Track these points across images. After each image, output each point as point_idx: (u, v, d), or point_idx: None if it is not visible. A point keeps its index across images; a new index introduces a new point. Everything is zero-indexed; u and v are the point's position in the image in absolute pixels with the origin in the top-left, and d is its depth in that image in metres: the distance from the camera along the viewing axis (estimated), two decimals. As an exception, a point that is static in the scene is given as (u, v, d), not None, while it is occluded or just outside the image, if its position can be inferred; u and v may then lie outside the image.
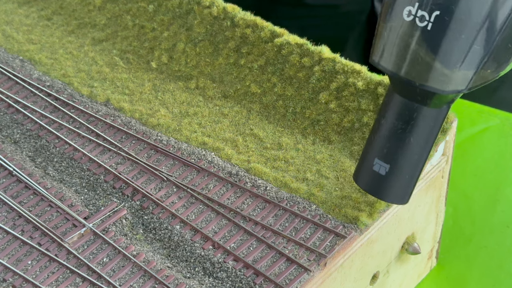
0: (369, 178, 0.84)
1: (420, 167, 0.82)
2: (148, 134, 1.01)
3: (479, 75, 0.76)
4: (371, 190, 0.85)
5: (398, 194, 0.84)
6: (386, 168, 0.82)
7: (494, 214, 1.16)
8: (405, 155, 0.81)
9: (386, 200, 0.84)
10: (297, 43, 1.03)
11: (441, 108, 0.80)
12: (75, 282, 0.85)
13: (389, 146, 0.82)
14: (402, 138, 0.81)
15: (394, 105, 0.81)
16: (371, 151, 0.83)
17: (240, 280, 0.84)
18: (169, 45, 1.12)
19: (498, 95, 1.73)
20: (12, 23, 1.22)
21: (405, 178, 0.82)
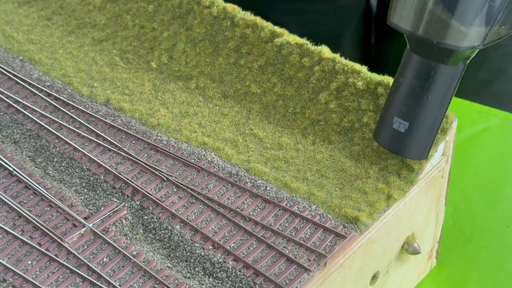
0: (389, 136, 0.88)
1: (438, 124, 0.86)
2: (148, 134, 1.01)
3: (493, 31, 0.79)
4: (392, 148, 0.89)
5: (417, 150, 0.87)
6: (405, 125, 0.86)
7: (494, 214, 1.16)
8: (424, 112, 0.85)
9: (406, 156, 0.88)
10: (297, 43, 1.03)
11: (457, 65, 0.83)
12: (75, 282, 0.85)
13: (408, 104, 0.85)
14: (420, 96, 0.84)
15: (412, 65, 0.84)
16: (390, 110, 0.87)
17: (240, 280, 0.84)
18: (169, 45, 1.12)
19: (493, 87, 1.73)
20: (12, 23, 1.22)
21: (423, 135, 0.86)
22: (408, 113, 0.86)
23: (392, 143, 0.89)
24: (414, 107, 0.86)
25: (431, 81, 0.83)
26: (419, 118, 0.86)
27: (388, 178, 0.92)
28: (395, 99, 0.87)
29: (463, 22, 0.78)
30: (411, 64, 0.85)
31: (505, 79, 1.72)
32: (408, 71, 0.85)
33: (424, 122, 0.86)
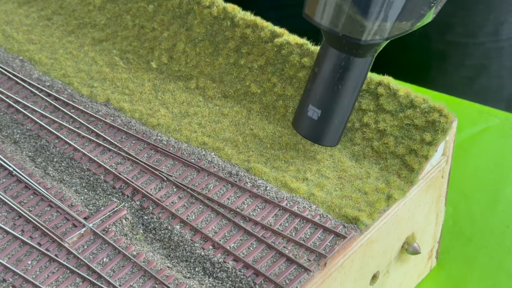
0: (304, 123, 0.93)
1: (348, 113, 0.92)
2: (148, 134, 1.01)
3: (396, 26, 0.84)
4: (306, 134, 0.94)
5: (328, 137, 0.93)
6: (318, 113, 0.91)
7: (494, 214, 1.16)
8: (334, 101, 0.91)
9: (318, 143, 0.94)
10: (297, 43, 1.03)
11: (366, 57, 0.88)
12: (75, 282, 0.85)
13: (321, 93, 0.91)
14: (332, 85, 0.90)
15: (326, 56, 0.90)
16: (306, 98, 0.93)
17: (240, 280, 0.84)
18: (169, 45, 1.12)
19: (477, 84, 1.74)
20: (12, 23, 1.22)
21: (334, 123, 0.92)
22: (321, 102, 0.91)
23: (307, 130, 0.93)
24: (326, 96, 0.91)
25: (342, 72, 0.89)
26: (330, 106, 0.91)
27: (388, 178, 0.92)
28: (311, 88, 0.92)
29: (365, 17, 0.83)
30: (325, 55, 0.90)
31: (488, 75, 1.73)
32: (322, 61, 0.90)
33: (335, 110, 0.91)
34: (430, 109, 0.93)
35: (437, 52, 1.74)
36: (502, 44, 1.69)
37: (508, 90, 1.75)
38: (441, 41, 1.72)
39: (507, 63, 1.72)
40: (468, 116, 1.32)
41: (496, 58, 1.71)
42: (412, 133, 0.94)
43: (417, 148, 0.92)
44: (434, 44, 1.73)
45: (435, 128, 0.93)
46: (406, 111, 0.95)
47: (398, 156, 0.93)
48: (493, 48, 1.70)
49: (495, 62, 1.71)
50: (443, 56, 1.74)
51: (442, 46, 1.73)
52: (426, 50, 1.76)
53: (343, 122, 0.92)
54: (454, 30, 1.69)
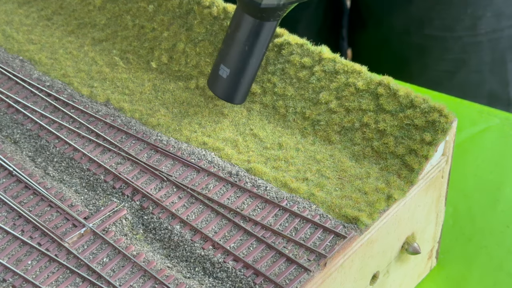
0: (215, 81, 1.01)
1: (253, 72, 1.00)
2: (148, 134, 1.01)
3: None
4: (217, 92, 1.01)
5: (234, 95, 1.01)
6: (227, 72, 0.99)
7: (494, 214, 1.16)
8: (241, 60, 0.98)
9: (224, 99, 1.01)
10: (297, 43, 1.03)
11: (270, 21, 0.96)
12: (75, 282, 0.85)
13: (230, 53, 0.99)
14: (239, 46, 0.98)
15: (236, 18, 0.98)
16: (218, 58, 1.01)
17: (240, 280, 0.84)
18: (169, 45, 1.12)
19: (457, 78, 1.74)
20: (12, 23, 1.22)
21: (239, 81, 0.99)
22: (230, 61, 0.99)
23: (216, 88, 1.01)
24: (235, 56, 0.98)
25: (249, 34, 0.97)
26: (238, 65, 0.99)
27: (388, 178, 0.92)
28: (223, 49, 1.00)
29: None
30: (236, 18, 0.98)
31: (467, 70, 1.73)
32: (233, 24, 0.98)
33: (242, 69, 0.99)
34: (430, 109, 0.93)
35: (416, 46, 1.75)
36: (481, 39, 1.69)
37: (489, 85, 1.75)
38: (420, 35, 1.73)
39: (486, 58, 1.72)
40: (468, 116, 1.32)
41: (475, 53, 1.71)
42: (412, 133, 0.94)
43: (417, 148, 0.92)
44: (414, 38, 1.74)
45: (435, 128, 0.93)
46: (406, 111, 0.95)
47: (398, 156, 0.93)
48: (472, 43, 1.70)
49: (474, 57, 1.72)
50: (423, 50, 1.75)
51: (421, 40, 1.73)
52: (406, 44, 1.76)
53: (247, 81, 1.00)
54: (432, 24, 1.70)
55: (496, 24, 1.68)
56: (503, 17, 1.68)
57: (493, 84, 1.75)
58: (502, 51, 1.72)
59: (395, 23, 1.76)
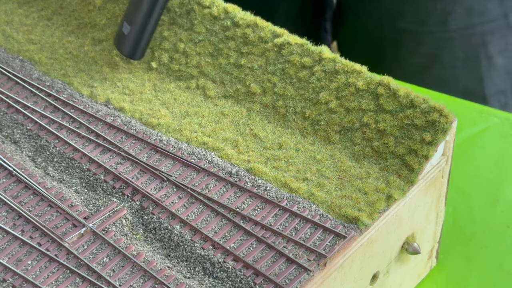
0: (119, 38, 1.10)
1: (150, 30, 1.08)
2: (148, 134, 1.01)
3: None
4: (120, 49, 1.10)
5: (133, 50, 1.09)
6: (128, 28, 1.08)
7: (494, 214, 1.16)
8: (139, 17, 1.07)
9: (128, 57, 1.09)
10: (298, 43, 1.03)
11: None
12: (75, 282, 0.85)
13: (131, 10, 1.08)
14: (138, 3, 1.07)
15: None
16: (123, 16, 1.09)
17: (240, 280, 0.84)
18: (169, 45, 1.12)
19: (431, 73, 1.74)
20: (12, 23, 1.22)
21: (138, 36, 1.08)
22: (130, 18, 1.08)
23: (119, 44, 1.10)
24: (134, 12, 1.07)
25: None
26: (136, 22, 1.07)
27: (388, 178, 0.92)
28: (128, 7, 1.09)
29: None
30: None
31: (441, 65, 1.73)
32: None
33: (139, 26, 1.07)
34: (430, 109, 0.93)
35: (390, 40, 1.75)
36: (452, 35, 1.69)
37: (463, 81, 1.75)
38: (393, 29, 1.73)
39: (459, 54, 1.72)
40: (468, 116, 1.32)
41: (448, 49, 1.71)
42: (412, 133, 0.94)
43: (417, 148, 0.93)
44: (387, 31, 1.74)
45: (435, 128, 0.93)
46: (406, 111, 0.95)
47: (398, 156, 0.93)
48: (444, 38, 1.70)
49: (447, 52, 1.72)
50: (396, 44, 1.75)
51: (395, 34, 1.73)
52: (380, 37, 1.77)
53: (146, 37, 1.08)
54: (405, 18, 1.70)
55: (468, 21, 1.68)
56: (474, 14, 1.68)
57: (468, 80, 1.76)
58: (475, 48, 1.72)
59: (369, 16, 1.76)
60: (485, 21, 1.69)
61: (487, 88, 1.75)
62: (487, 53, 1.72)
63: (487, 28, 1.70)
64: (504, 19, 1.70)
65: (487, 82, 1.75)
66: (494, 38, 1.71)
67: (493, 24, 1.70)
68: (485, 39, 1.70)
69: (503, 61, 1.74)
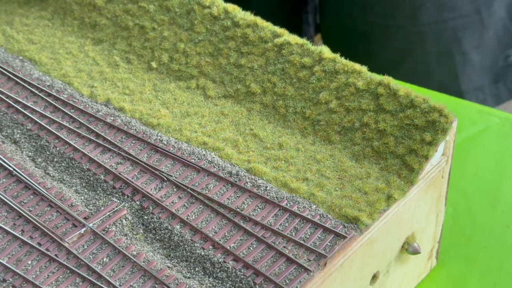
0: None
1: None
2: (148, 134, 1.01)
3: None
4: None
5: None
6: None
7: (494, 214, 1.16)
8: None
9: None
10: (298, 43, 1.03)
11: None
12: (75, 282, 0.85)
13: None
14: None
15: None
16: None
17: (240, 280, 0.84)
18: (169, 45, 1.12)
19: (404, 67, 1.74)
20: (12, 23, 1.22)
21: None
22: None
23: None
24: None
25: None
26: None
27: (388, 178, 0.92)
28: None
29: None
30: None
31: (414, 60, 1.73)
32: None
33: None
34: (430, 109, 0.93)
35: (361, 33, 1.75)
36: (423, 29, 1.69)
37: (437, 77, 1.75)
38: (364, 22, 1.73)
39: (431, 49, 1.72)
40: (468, 116, 1.32)
41: (420, 43, 1.71)
42: (412, 133, 0.94)
43: (417, 148, 0.93)
44: (358, 24, 1.74)
45: (435, 128, 0.93)
46: (406, 111, 0.95)
47: (398, 156, 0.93)
48: (415, 32, 1.70)
49: (419, 47, 1.72)
50: (368, 37, 1.75)
51: (365, 27, 1.74)
52: (352, 30, 1.77)
53: None
54: (374, 11, 1.70)
55: (438, 16, 1.68)
56: (445, 9, 1.68)
57: (442, 76, 1.75)
58: (447, 43, 1.72)
59: (342, 9, 1.77)
60: (457, 16, 1.69)
61: (463, 84, 1.76)
62: (461, 48, 1.72)
63: (460, 24, 1.70)
64: (477, 15, 1.70)
65: (463, 78, 1.75)
66: (467, 34, 1.71)
67: (466, 20, 1.70)
68: (458, 34, 1.70)
69: (478, 57, 1.74)
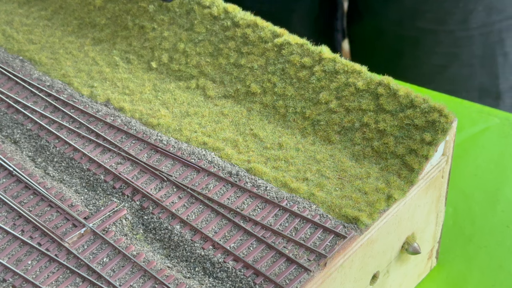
0: None
1: None
2: (148, 134, 1.01)
3: None
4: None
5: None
6: None
7: (494, 214, 1.16)
8: None
9: None
10: (298, 43, 1.03)
11: None
12: (75, 282, 0.85)
13: None
14: None
15: None
16: None
17: (240, 280, 0.84)
18: (169, 45, 1.12)
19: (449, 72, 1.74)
20: (12, 23, 1.22)
21: None
22: None
23: None
24: None
25: None
26: None
27: (388, 178, 0.92)
28: None
29: None
30: None
31: (459, 63, 1.74)
32: None
33: None
34: (430, 109, 0.93)
35: (409, 39, 1.75)
36: (472, 33, 1.70)
37: (479, 79, 1.76)
38: (412, 28, 1.73)
39: (477, 52, 1.72)
40: (468, 116, 1.32)
41: (467, 47, 1.72)
42: (412, 133, 0.94)
43: (417, 148, 0.93)
44: (406, 30, 1.75)
45: (435, 128, 0.93)
46: (406, 111, 0.95)
47: (398, 156, 0.93)
48: (463, 37, 1.71)
49: (465, 51, 1.72)
50: (415, 43, 1.75)
51: (414, 33, 1.74)
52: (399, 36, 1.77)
53: None
54: (425, 17, 1.71)
55: (487, 18, 1.69)
56: (493, 12, 1.68)
57: (483, 78, 1.76)
58: (492, 45, 1.72)
59: (389, 14, 1.77)
60: (503, 18, 1.70)
61: (502, 84, 1.76)
62: (503, 49, 1.73)
63: (505, 25, 1.71)
64: None
65: (502, 79, 1.75)
66: (510, 35, 1.72)
67: (511, 21, 1.70)
68: (502, 36, 1.71)
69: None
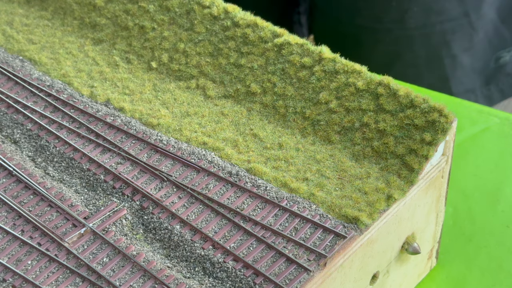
0: None
1: None
2: (148, 134, 1.01)
3: None
4: None
5: None
6: None
7: (494, 214, 1.16)
8: None
9: None
10: (297, 43, 1.03)
11: None
12: (75, 282, 0.85)
13: None
14: None
15: None
16: None
17: (240, 280, 0.84)
18: (169, 45, 1.12)
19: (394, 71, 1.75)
20: (12, 23, 1.22)
21: None
22: None
23: None
24: None
25: None
26: None
27: (388, 178, 0.92)
28: None
29: None
30: None
31: (403, 63, 1.73)
32: None
33: None
34: (430, 109, 0.93)
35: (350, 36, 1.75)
36: (411, 33, 1.69)
37: (427, 80, 1.75)
38: (352, 25, 1.73)
39: (420, 53, 1.72)
40: (468, 116, 1.32)
41: (408, 47, 1.71)
42: (412, 133, 0.94)
43: (417, 148, 0.93)
44: (347, 27, 1.74)
45: (435, 128, 0.93)
46: (406, 111, 0.95)
47: (398, 156, 0.93)
48: (403, 36, 1.70)
49: (407, 51, 1.72)
50: (356, 41, 1.75)
51: (354, 30, 1.73)
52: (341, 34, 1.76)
53: None
54: (362, 14, 1.70)
55: (426, 19, 1.68)
56: (432, 13, 1.68)
57: (432, 79, 1.75)
58: (436, 47, 1.71)
59: (332, 12, 1.77)
60: (445, 20, 1.69)
61: (454, 87, 1.75)
62: (450, 52, 1.72)
63: (448, 27, 1.70)
64: (466, 18, 1.69)
65: (453, 81, 1.75)
66: (456, 37, 1.71)
67: (454, 23, 1.69)
68: (446, 38, 1.70)
69: (468, 59, 1.74)
